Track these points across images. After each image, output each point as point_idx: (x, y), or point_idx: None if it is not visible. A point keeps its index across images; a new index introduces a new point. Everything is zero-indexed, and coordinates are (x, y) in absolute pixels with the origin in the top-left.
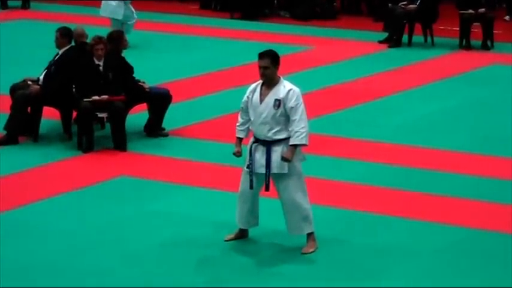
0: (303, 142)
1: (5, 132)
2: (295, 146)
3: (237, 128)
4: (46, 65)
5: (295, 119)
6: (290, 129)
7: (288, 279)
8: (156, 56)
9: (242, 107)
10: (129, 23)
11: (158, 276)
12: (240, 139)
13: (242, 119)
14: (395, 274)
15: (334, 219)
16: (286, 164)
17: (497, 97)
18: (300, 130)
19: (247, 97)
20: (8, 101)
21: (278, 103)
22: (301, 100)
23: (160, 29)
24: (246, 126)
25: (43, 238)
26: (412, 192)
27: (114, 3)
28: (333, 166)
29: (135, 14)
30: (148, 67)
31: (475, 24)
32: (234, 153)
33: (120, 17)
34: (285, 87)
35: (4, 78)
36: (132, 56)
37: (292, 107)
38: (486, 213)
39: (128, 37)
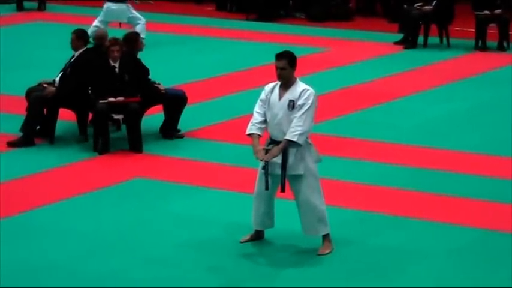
0: (294, 139)
1: (21, 134)
2: (287, 142)
3: (254, 125)
4: (62, 66)
5: (295, 116)
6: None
7: (303, 280)
8: (171, 58)
9: (261, 104)
10: (138, 25)
11: (173, 278)
12: (258, 136)
13: (261, 117)
14: (409, 275)
15: (349, 220)
16: (301, 165)
17: None
18: (295, 127)
19: (266, 96)
20: (23, 103)
21: (292, 104)
22: (311, 101)
23: (176, 30)
24: (264, 126)
25: (58, 240)
26: (428, 194)
27: (114, 6)
28: (349, 167)
29: (140, 16)
30: (164, 68)
31: (491, 25)
32: (257, 152)
33: (124, 20)
34: (300, 88)
35: (20, 80)
36: (148, 57)
37: (299, 104)
38: (500, 215)
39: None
